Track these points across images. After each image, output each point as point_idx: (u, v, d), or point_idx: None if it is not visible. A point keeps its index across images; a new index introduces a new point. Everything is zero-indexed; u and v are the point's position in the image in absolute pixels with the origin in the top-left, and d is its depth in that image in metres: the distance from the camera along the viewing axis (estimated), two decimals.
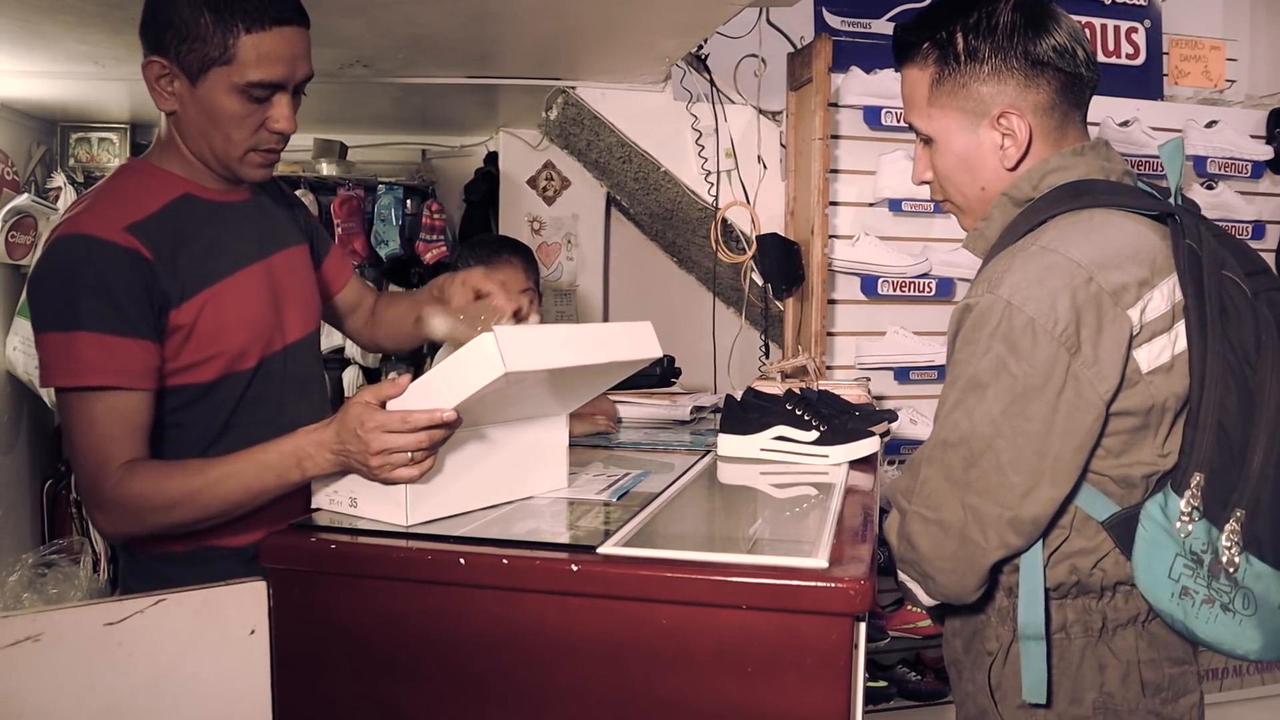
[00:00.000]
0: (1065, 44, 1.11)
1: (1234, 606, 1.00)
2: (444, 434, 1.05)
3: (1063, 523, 1.08)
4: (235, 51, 1.17)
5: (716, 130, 2.75)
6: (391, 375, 1.23)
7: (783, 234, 2.73)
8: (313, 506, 1.17)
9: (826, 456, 1.45)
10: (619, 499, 1.21)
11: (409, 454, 1.04)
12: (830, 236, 2.59)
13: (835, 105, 2.59)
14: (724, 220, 2.79)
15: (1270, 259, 2.93)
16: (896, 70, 1.23)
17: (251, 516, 1.18)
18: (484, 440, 1.17)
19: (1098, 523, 1.07)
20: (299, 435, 1.12)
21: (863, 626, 0.97)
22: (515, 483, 1.21)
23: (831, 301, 2.63)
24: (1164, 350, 1.03)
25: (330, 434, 1.09)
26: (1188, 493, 1.01)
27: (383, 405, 1.06)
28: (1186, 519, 1.01)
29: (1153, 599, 1.04)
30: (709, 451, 1.58)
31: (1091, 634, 1.10)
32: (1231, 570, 1.00)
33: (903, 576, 1.17)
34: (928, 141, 1.20)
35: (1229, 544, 0.99)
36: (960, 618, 1.23)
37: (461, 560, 1.00)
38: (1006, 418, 1.01)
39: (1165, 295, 1.03)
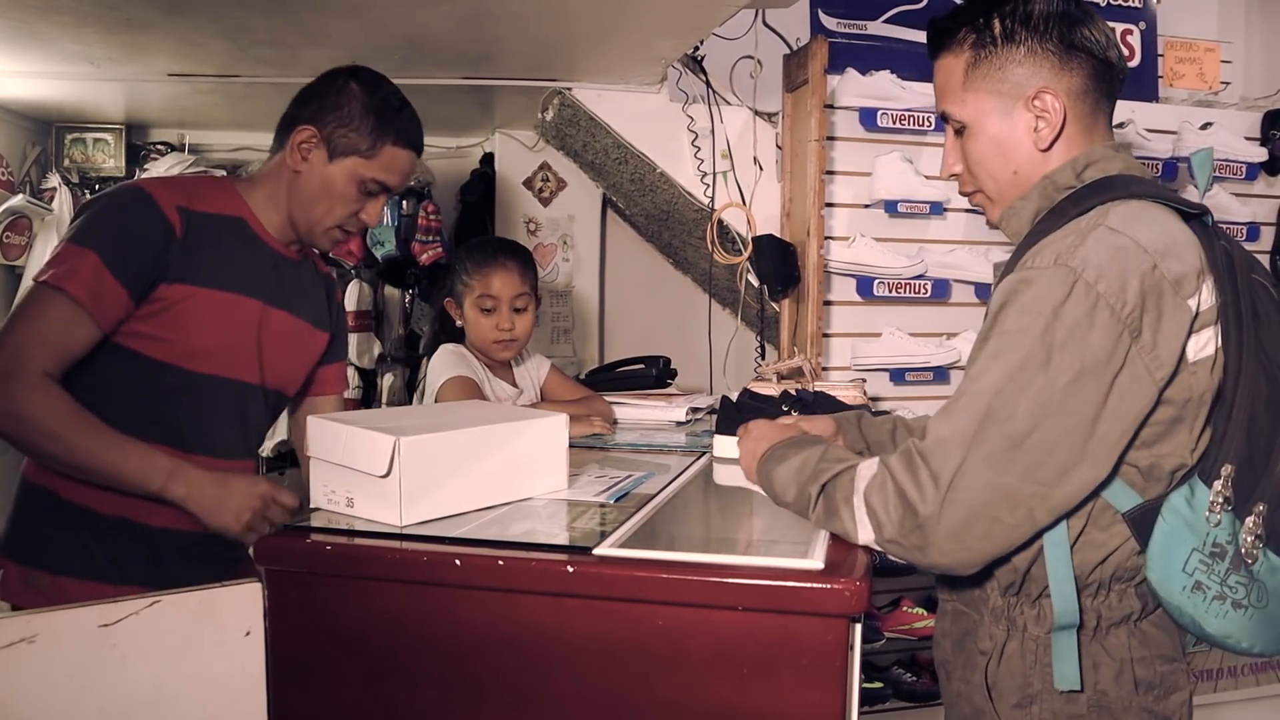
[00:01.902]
0: (1099, 34, 1.14)
1: (1246, 602, 1.02)
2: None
3: (1082, 511, 1.07)
4: (379, 153, 1.44)
5: (713, 131, 2.76)
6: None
7: (778, 235, 2.73)
8: (311, 506, 1.18)
9: None
10: (616, 501, 1.21)
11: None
12: (826, 238, 2.59)
13: (831, 107, 2.59)
14: (720, 221, 2.79)
15: (1265, 260, 2.94)
16: (931, 60, 1.23)
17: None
18: (479, 441, 1.17)
19: (1114, 514, 1.07)
20: (186, 464, 1.32)
21: (858, 628, 0.98)
22: (512, 484, 1.21)
23: (827, 303, 2.63)
24: (1209, 343, 1.04)
25: (207, 490, 1.30)
26: (1218, 483, 1.02)
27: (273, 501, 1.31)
28: (1217, 509, 1.01)
29: (1164, 592, 1.04)
30: (705, 453, 1.58)
31: (1086, 632, 1.10)
32: (1250, 563, 1.02)
33: (860, 512, 1.05)
34: (959, 131, 1.21)
35: (1249, 536, 1.01)
36: (949, 618, 1.23)
37: (457, 561, 1.00)
38: (1063, 395, 0.99)
39: (1210, 290, 1.05)
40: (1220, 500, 1.02)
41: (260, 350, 1.47)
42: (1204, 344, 1.04)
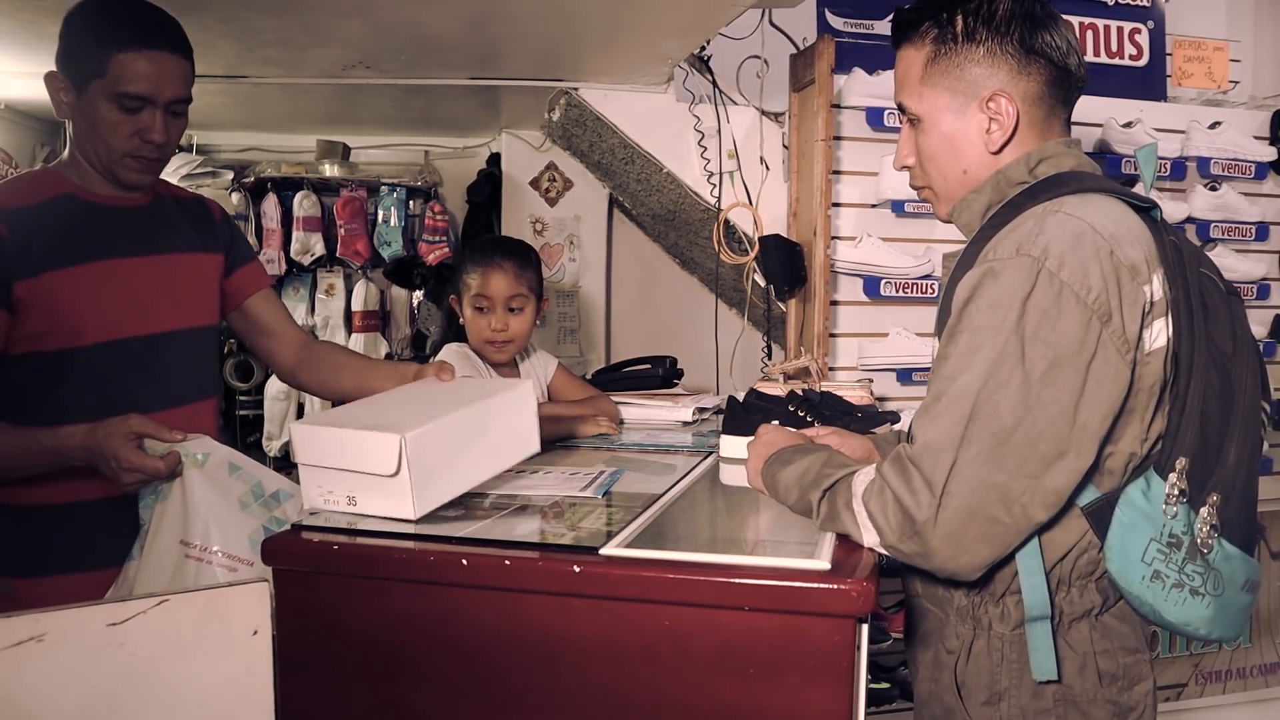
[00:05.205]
0: (1060, 40, 1.15)
1: (1203, 589, 1.04)
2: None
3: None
4: (109, 66, 1.39)
5: (719, 131, 2.75)
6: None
7: (785, 235, 2.73)
8: (308, 508, 1.18)
9: None
10: (604, 495, 1.22)
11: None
12: (833, 238, 2.59)
13: (838, 106, 2.59)
14: (726, 221, 2.79)
15: (1274, 260, 2.93)
16: (894, 51, 1.24)
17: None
18: (471, 421, 1.19)
19: (1072, 510, 1.08)
20: (60, 435, 1.35)
21: (865, 628, 0.97)
22: (498, 455, 1.25)
23: (834, 303, 2.63)
24: (1160, 334, 1.05)
25: (85, 446, 1.33)
26: (1173, 475, 1.03)
27: (139, 438, 1.32)
28: (1173, 501, 1.03)
29: (1124, 582, 1.05)
30: (711, 453, 1.58)
31: None
32: (1206, 552, 1.04)
33: (862, 516, 1.04)
34: (914, 122, 1.22)
35: (1204, 526, 1.04)
36: (916, 614, 1.24)
37: (464, 561, 1.00)
38: (1041, 386, 0.99)
39: (1160, 281, 1.06)
40: (1176, 492, 1.03)
41: (146, 300, 1.49)
42: (1156, 334, 1.05)
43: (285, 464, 3.48)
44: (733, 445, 1.51)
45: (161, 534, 1.32)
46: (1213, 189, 2.80)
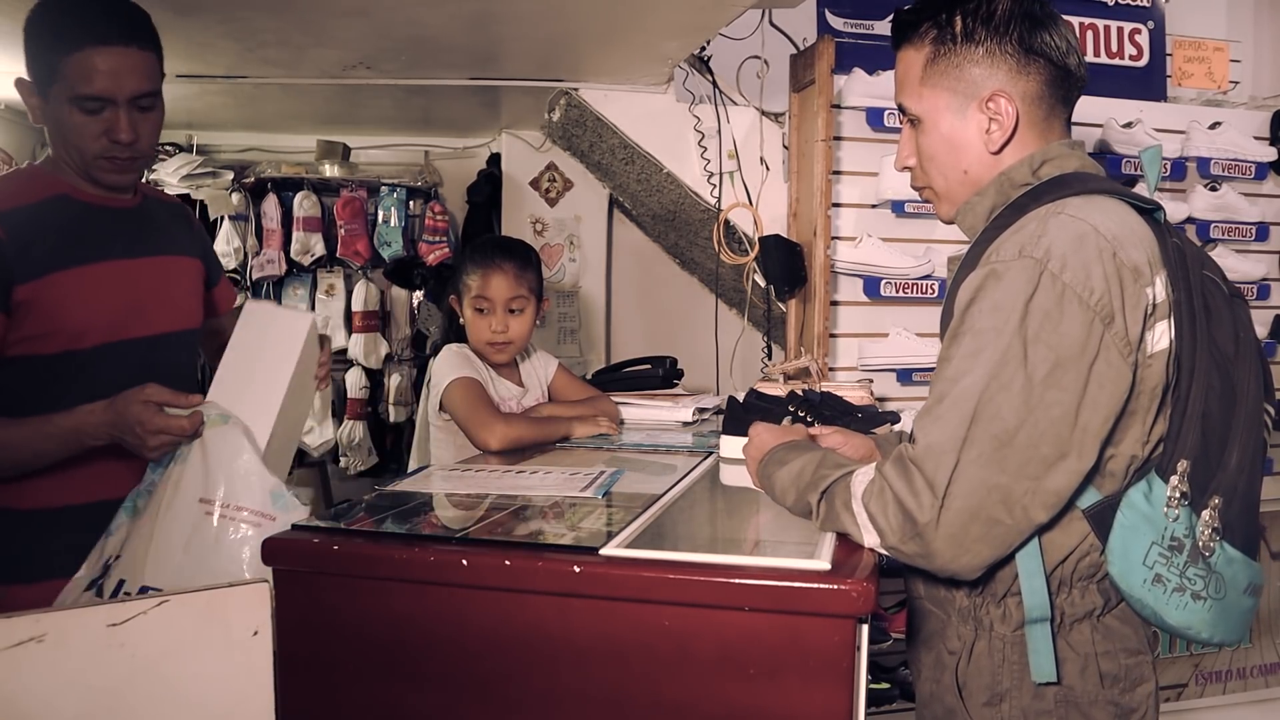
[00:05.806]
0: (1059, 40, 1.15)
1: (1205, 593, 1.04)
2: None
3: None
4: (61, 69, 1.34)
5: (719, 132, 2.76)
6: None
7: (785, 235, 2.73)
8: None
9: None
10: (604, 495, 1.22)
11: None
12: (833, 238, 2.59)
13: (838, 107, 2.59)
14: (726, 222, 2.79)
15: (1275, 260, 2.93)
16: (894, 52, 1.24)
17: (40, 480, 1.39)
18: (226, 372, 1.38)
19: (1073, 512, 1.08)
20: (79, 415, 1.33)
21: (865, 628, 0.97)
22: (278, 373, 1.39)
23: (834, 303, 2.63)
24: (1163, 336, 1.05)
25: (108, 421, 1.31)
26: (1174, 478, 1.03)
27: (159, 405, 1.30)
28: (1175, 504, 1.03)
29: (1125, 585, 1.05)
30: (711, 453, 1.58)
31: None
32: (1207, 555, 1.04)
33: (862, 517, 1.04)
34: (915, 123, 1.22)
35: (1205, 529, 1.04)
36: (918, 616, 1.24)
37: (464, 561, 1.00)
38: (1043, 388, 0.99)
39: (1163, 283, 1.06)
40: (1177, 495, 1.03)
41: (143, 302, 1.48)
42: (1159, 337, 1.05)
43: None
44: (732, 445, 1.51)
45: (180, 494, 1.31)
46: (1213, 189, 2.80)
